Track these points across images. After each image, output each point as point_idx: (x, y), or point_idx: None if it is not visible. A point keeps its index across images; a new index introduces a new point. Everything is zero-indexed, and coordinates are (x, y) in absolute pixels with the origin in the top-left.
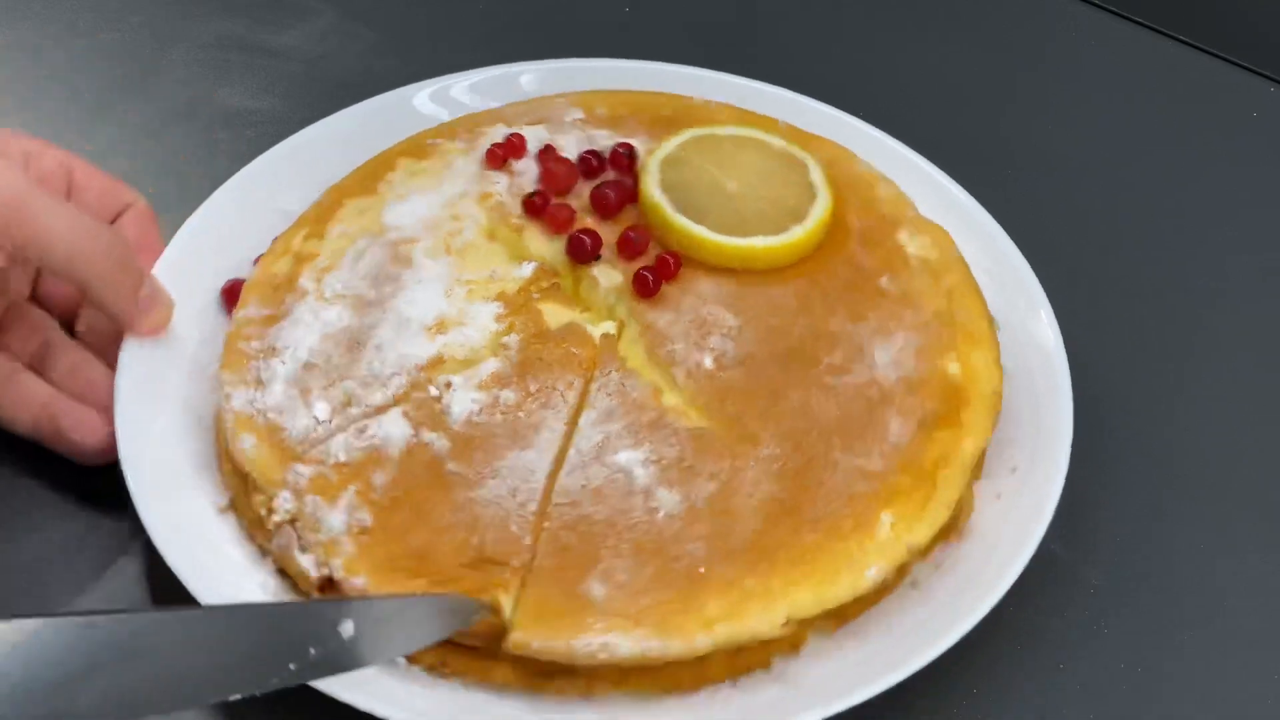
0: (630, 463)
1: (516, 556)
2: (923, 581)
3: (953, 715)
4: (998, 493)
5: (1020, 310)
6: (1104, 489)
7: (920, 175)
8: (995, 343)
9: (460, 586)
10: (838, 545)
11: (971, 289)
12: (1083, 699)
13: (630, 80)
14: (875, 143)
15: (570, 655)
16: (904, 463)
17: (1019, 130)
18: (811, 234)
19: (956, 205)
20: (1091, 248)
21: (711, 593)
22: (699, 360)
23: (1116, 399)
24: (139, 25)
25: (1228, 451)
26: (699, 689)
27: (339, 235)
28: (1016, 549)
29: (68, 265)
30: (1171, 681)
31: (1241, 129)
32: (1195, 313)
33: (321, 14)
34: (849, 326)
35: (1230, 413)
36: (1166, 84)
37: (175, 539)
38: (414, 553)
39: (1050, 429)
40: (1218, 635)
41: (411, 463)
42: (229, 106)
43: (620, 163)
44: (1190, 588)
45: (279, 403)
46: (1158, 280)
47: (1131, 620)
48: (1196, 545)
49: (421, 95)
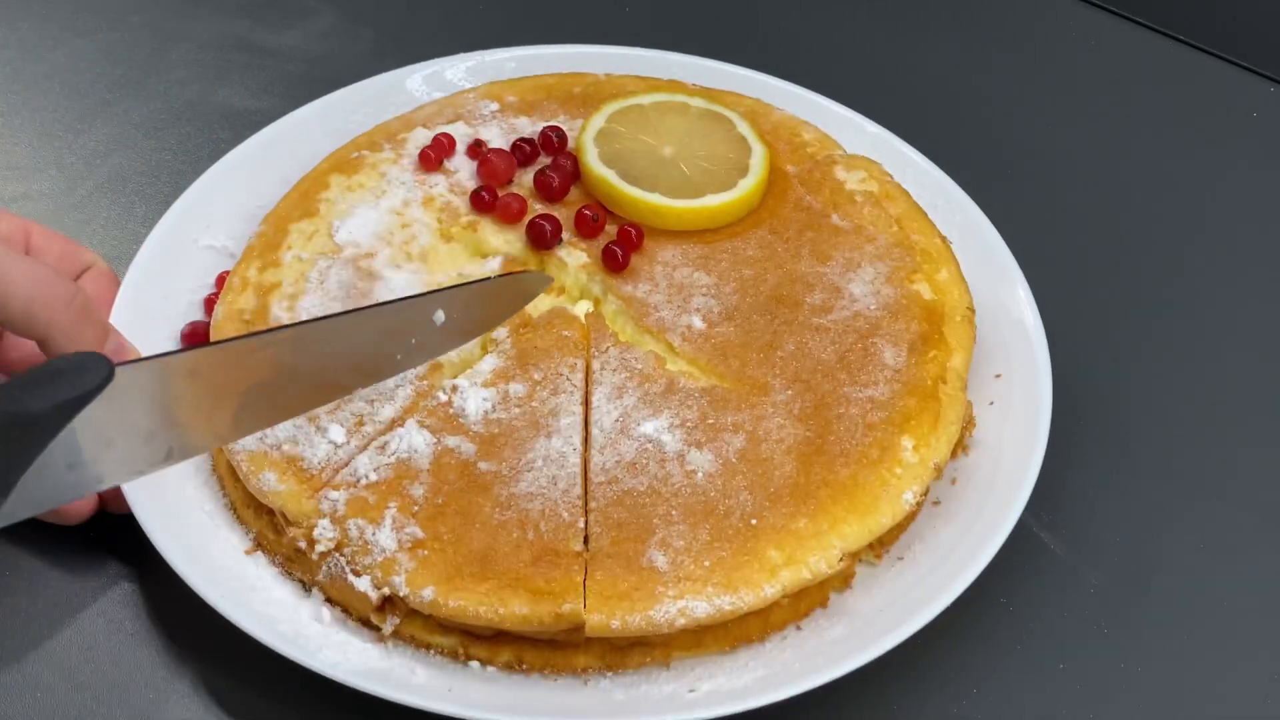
0: (657, 431)
1: (576, 540)
2: (944, 498)
3: (953, 715)
4: (990, 400)
5: (974, 248)
6: (1104, 489)
7: (837, 119)
8: (954, 259)
9: (530, 585)
10: (871, 475)
11: (918, 212)
12: (1083, 699)
13: (542, 65)
14: (778, 91)
15: (651, 626)
16: (907, 387)
17: (1018, 130)
18: (758, 184)
19: (878, 141)
20: (1090, 248)
21: (768, 541)
22: (689, 323)
23: (1116, 402)
24: (139, 25)
25: (1228, 452)
26: (767, 638)
27: (293, 260)
28: (1026, 455)
29: (26, 316)
30: (1171, 681)
31: (1241, 129)
32: (1196, 312)
33: (321, 14)
34: (818, 266)
35: (1231, 413)
36: (1166, 84)
37: (221, 589)
38: (475, 557)
39: (1021, 332)
40: (1217, 635)
41: (443, 470)
42: (229, 106)
43: (551, 145)
44: (1190, 588)
45: (289, 434)
46: (1157, 279)
47: (1131, 620)
48: (1196, 545)
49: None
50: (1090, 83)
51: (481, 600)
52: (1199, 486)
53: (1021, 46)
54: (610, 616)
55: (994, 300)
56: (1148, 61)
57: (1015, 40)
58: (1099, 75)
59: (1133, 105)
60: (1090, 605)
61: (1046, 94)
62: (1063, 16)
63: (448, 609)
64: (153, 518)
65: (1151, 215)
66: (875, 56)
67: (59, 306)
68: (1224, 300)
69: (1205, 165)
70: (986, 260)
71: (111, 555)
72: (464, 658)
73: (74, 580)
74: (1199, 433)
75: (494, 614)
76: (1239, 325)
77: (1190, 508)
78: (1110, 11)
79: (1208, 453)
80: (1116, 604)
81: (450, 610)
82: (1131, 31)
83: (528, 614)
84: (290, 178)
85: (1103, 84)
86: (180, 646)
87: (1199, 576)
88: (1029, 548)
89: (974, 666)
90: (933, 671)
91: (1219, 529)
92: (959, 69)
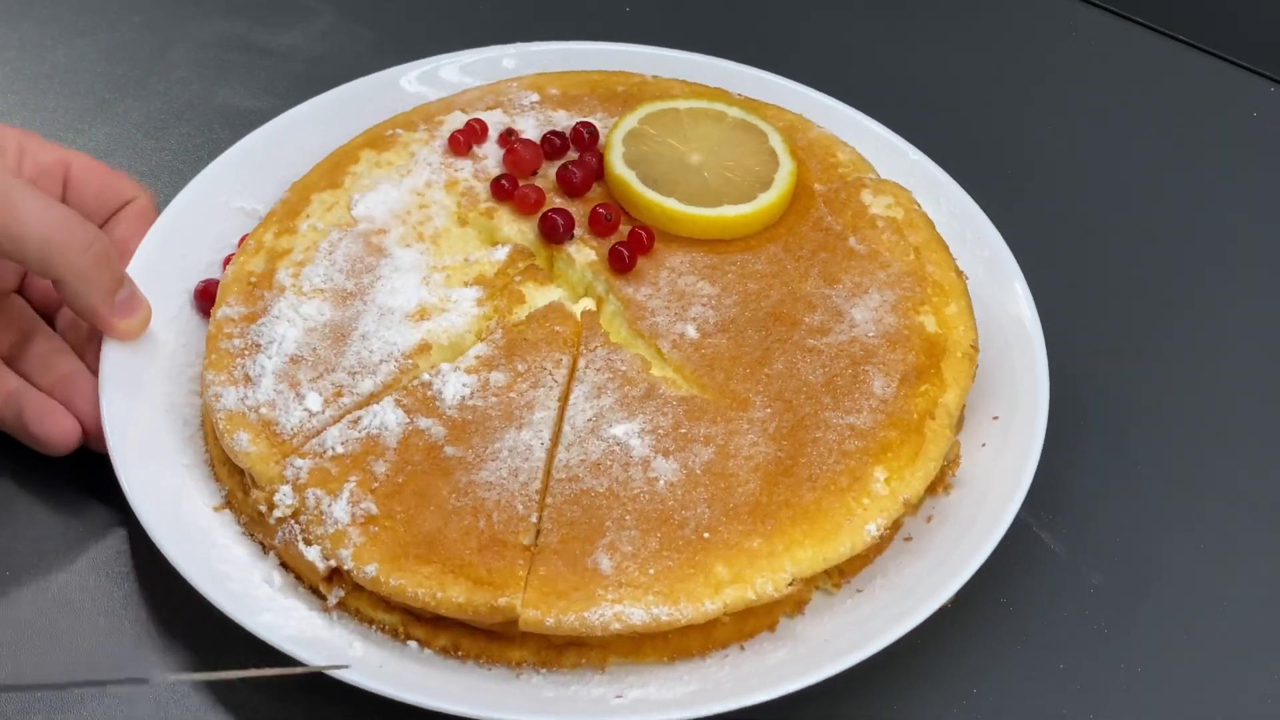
0: (627, 434)
1: (526, 534)
2: (916, 534)
3: (952, 715)
4: (982, 442)
5: (996, 285)
6: (1104, 489)
7: (871, 136)
8: (966, 294)
9: (472, 573)
10: (835, 502)
11: (938, 244)
12: (1083, 699)
13: (587, 62)
14: (823, 107)
15: (585, 627)
16: (891, 418)
17: (1018, 130)
18: (779, 200)
19: (911, 164)
20: (1090, 247)
21: (717, 557)
22: (682, 330)
23: (1116, 401)
24: (139, 25)
25: (1228, 451)
26: (709, 654)
27: (309, 229)
28: (1006, 498)
29: (42, 258)
30: (1171, 681)
31: (1241, 129)
32: (1196, 311)
33: (321, 14)
34: (824, 288)
35: (1231, 412)
36: (1166, 84)
37: (179, 541)
38: (423, 539)
39: (1027, 375)
40: (1218, 635)
41: (409, 450)
42: (229, 106)
43: (582, 141)
44: (1190, 587)
45: (270, 398)
46: (1157, 279)
47: (1131, 620)
48: (1196, 545)
49: (370, 84)
50: (1089, 82)
51: (421, 583)
52: (1200, 486)
53: (1020, 46)
54: (546, 613)
55: (1004, 342)
56: (1148, 61)
57: (1013, 40)
58: (1098, 75)
59: (1133, 105)
60: (1090, 605)
61: (1045, 94)
62: (1063, 16)
63: (388, 587)
64: (127, 463)
65: (1151, 215)
66: (874, 53)
67: (75, 250)
68: (1224, 299)
69: (1205, 165)
70: (1009, 299)
71: (92, 496)
72: (404, 637)
73: (51, 516)
74: (1199, 432)
75: (431, 598)
76: (1239, 324)
77: (1191, 508)
78: (1110, 11)
79: (1208, 452)
80: (1116, 604)
81: (390, 589)
82: (1131, 31)
83: (464, 602)
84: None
85: (1102, 84)
86: (134, 589)
87: (1199, 576)
88: (1029, 548)
89: (974, 666)
90: (932, 671)
91: (1219, 529)
92: (958, 69)
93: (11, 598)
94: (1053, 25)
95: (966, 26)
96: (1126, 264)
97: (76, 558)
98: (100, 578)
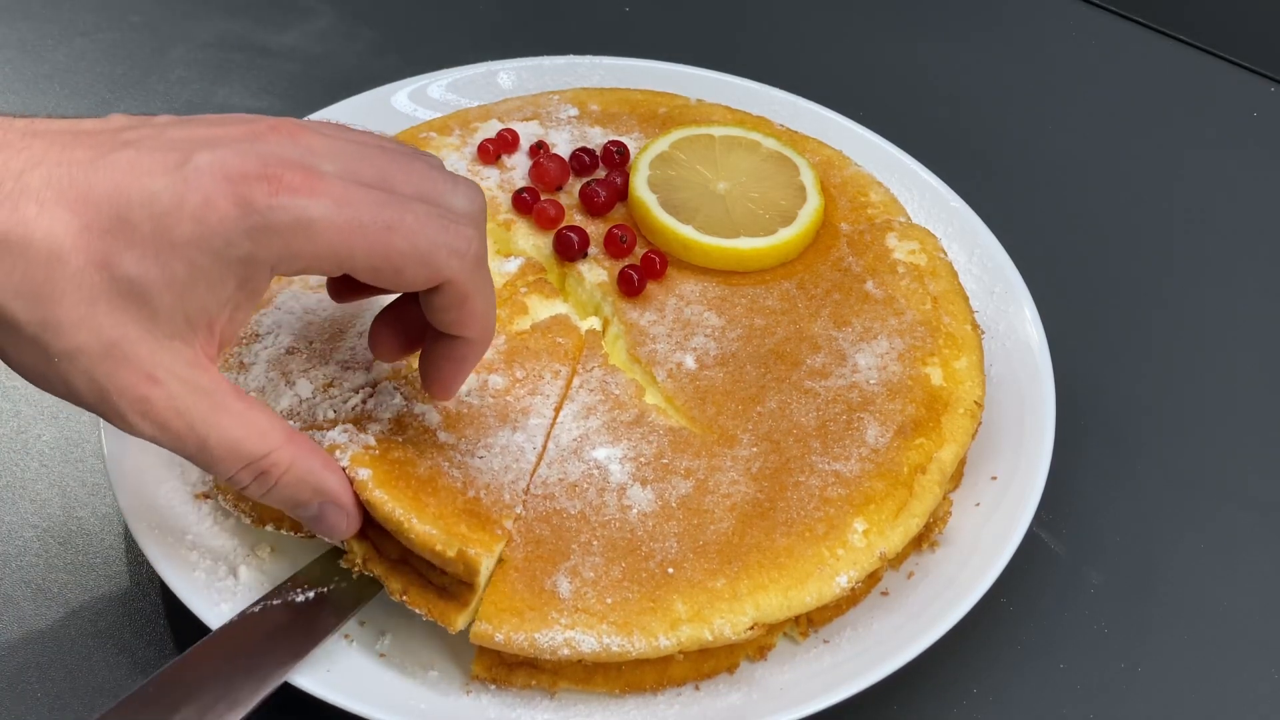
0: (608, 459)
1: (509, 519)
2: (894, 590)
3: (953, 715)
4: (976, 501)
5: (1009, 315)
6: (1104, 490)
7: (912, 177)
8: (979, 349)
9: (448, 522)
10: (808, 549)
11: (958, 295)
12: (1083, 699)
13: (628, 79)
14: (866, 144)
15: (534, 649)
16: (880, 468)
17: (1018, 130)
18: (799, 237)
19: (950, 210)
20: (1090, 248)
21: (679, 593)
22: (680, 360)
23: (1117, 401)
24: (139, 25)
25: (1229, 451)
26: (661, 690)
27: None
28: (990, 560)
29: None
30: (1171, 681)
31: (1241, 129)
32: (1196, 311)
33: (321, 14)
34: (832, 330)
35: (1231, 411)
36: (1166, 84)
37: (154, 528)
38: (416, 480)
39: (1033, 436)
40: (1217, 634)
41: (402, 427)
42: (229, 106)
43: (612, 160)
44: (1191, 587)
45: (260, 384)
46: (1157, 279)
47: (1131, 620)
48: (1196, 545)
49: (400, 95)
50: (1089, 82)
51: (403, 503)
52: (1200, 486)
53: (1019, 46)
54: (497, 629)
55: (1017, 396)
56: (1148, 61)
57: (1012, 40)
58: (1098, 75)
59: (1133, 105)
60: (1090, 605)
61: (1045, 94)
62: (1062, 16)
63: (373, 495)
64: (115, 439)
65: (1151, 215)
66: (863, 55)
67: None
68: (1224, 300)
69: (1205, 165)
70: (1024, 349)
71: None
72: (362, 567)
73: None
74: (1200, 432)
75: (407, 519)
76: (1239, 324)
77: (1191, 507)
78: (1110, 11)
79: (1209, 452)
80: (1117, 604)
81: (373, 497)
82: (1131, 31)
83: (434, 534)
84: None
85: (1102, 84)
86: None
87: (1200, 576)
88: (1029, 547)
89: (974, 666)
90: (932, 671)
91: (1220, 529)
92: (957, 68)
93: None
94: (1052, 24)
95: (967, 29)
96: (1125, 263)
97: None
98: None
